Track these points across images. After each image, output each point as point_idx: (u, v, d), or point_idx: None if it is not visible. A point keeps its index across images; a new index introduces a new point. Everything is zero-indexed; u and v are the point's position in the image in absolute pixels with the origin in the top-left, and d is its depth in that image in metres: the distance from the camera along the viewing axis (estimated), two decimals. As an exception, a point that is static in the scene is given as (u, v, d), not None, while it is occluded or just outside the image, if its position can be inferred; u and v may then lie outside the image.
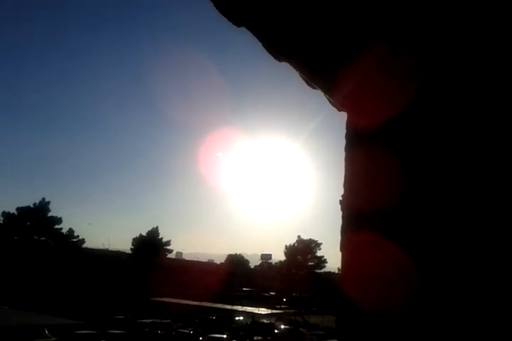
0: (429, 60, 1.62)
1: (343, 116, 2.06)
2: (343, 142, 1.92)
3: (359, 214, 1.67)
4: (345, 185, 1.82)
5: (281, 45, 1.86)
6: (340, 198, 1.78)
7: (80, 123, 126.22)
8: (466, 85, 1.53)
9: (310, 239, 73.47)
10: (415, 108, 1.61)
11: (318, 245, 73.07)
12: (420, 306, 1.42)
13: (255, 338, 37.81)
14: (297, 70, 2.03)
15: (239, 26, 1.71)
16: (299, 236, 73.75)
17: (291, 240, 74.68)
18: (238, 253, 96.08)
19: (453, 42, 1.58)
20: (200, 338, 31.27)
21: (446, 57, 1.59)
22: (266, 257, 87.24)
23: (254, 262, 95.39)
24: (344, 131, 1.94)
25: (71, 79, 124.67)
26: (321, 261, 72.65)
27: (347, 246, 1.70)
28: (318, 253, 73.42)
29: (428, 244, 1.46)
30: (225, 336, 31.83)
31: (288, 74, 2.11)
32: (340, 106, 2.15)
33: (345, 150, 1.87)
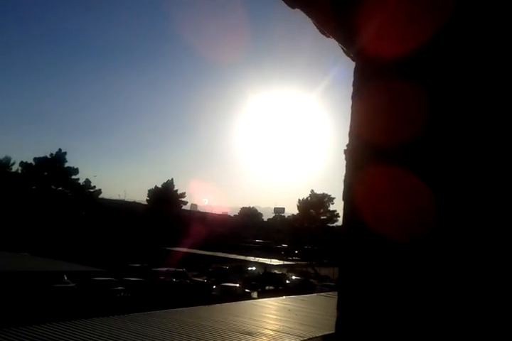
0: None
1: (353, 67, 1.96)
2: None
3: (373, 148, 1.60)
4: (352, 125, 1.74)
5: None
6: (345, 148, 1.72)
7: (93, 72, 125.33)
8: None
9: (323, 193, 74.05)
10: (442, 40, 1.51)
11: (331, 199, 73.68)
12: (437, 232, 1.38)
13: (267, 288, 38.99)
14: (310, 17, 1.93)
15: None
16: (312, 191, 74.33)
17: (305, 194, 75.41)
18: (252, 206, 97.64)
19: None
20: (214, 287, 32.27)
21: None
22: (279, 210, 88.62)
23: (268, 215, 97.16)
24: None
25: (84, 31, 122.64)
26: (334, 216, 73.43)
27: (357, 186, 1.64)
28: (331, 208, 74.21)
29: (446, 175, 1.40)
30: (237, 285, 32.80)
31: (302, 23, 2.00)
32: (352, 57, 2.04)
33: (353, 86, 1.78)
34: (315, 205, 73.07)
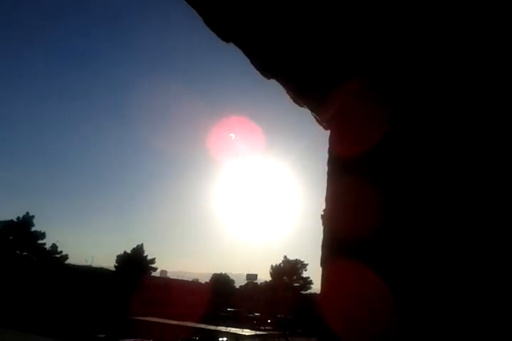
0: (398, 95, 1.68)
1: (328, 136, 2.07)
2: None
3: (339, 240, 1.68)
4: (326, 206, 1.83)
5: (268, 63, 1.89)
6: (322, 213, 1.79)
7: (65, 134, 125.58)
8: (434, 119, 1.57)
9: (296, 259, 73.15)
10: (390, 139, 1.65)
11: (304, 266, 72.76)
12: (400, 336, 1.42)
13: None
14: (284, 88, 2.05)
15: (228, 42, 1.73)
16: (285, 257, 73.40)
17: (278, 260, 74.29)
18: (224, 272, 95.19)
19: (419, 80, 1.64)
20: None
21: (414, 94, 1.64)
22: (251, 277, 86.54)
23: (240, 282, 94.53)
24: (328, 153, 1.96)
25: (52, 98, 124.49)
26: (307, 282, 72.17)
27: (327, 268, 1.70)
28: (304, 274, 73.09)
29: (402, 273, 1.47)
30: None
31: (278, 92, 2.13)
32: (326, 125, 2.17)
33: (328, 174, 1.88)
34: (288, 272, 71.86)
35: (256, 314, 72.01)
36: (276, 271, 71.77)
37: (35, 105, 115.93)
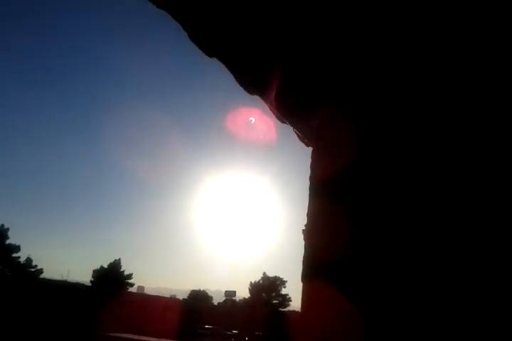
0: (366, 121, 1.72)
1: (309, 152, 2.08)
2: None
3: (317, 258, 1.69)
4: (308, 221, 1.83)
5: (252, 81, 1.90)
6: (304, 227, 1.80)
7: (41, 146, 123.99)
8: (401, 142, 1.61)
9: (275, 276, 72.75)
10: (361, 159, 1.68)
11: (283, 283, 72.35)
12: None
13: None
14: (267, 105, 2.07)
15: (211, 57, 1.74)
16: (264, 273, 72.96)
17: (257, 277, 73.80)
18: (202, 289, 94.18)
19: (386, 107, 1.69)
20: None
21: (382, 121, 1.69)
22: (230, 294, 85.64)
23: (218, 299, 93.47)
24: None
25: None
26: (286, 300, 71.67)
27: (307, 284, 1.70)
28: (283, 291, 72.61)
29: (378, 296, 1.47)
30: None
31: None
32: (307, 142, 2.19)
33: (309, 190, 1.90)
34: (267, 288, 71.36)
35: (234, 331, 71.16)
36: (256, 288, 71.24)
37: (10, 123, 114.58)
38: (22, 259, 60.32)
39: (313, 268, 1.66)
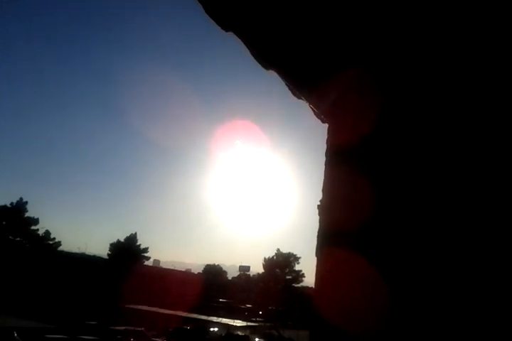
0: (394, 84, 1.67)
1: (326, 128, 2.06)
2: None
3: (335, 230, 1.68)
4: (323, 196, 1.82)
5: (268, 53, 1.87)
6: (319, 203, 1.79)
7: (60, 122, 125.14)
8: (428, 108, 1.57)
9: (289, 252, 73.51)
10: (385, 128, 1.64)
11: (296, 259, 73.13)
12: (394, 325, 1.41)
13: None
14: (283, 79, 2.04)
15: (227, 31, 1.71)
16: (278, 250, 73.72)
17: (271, 253, 74.65)
18: (216, 263, 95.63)
19: (415, 70, 1.64)
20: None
21: (409, 83, 1.64)
22: (244, 269, 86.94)
23: (232, 273, 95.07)
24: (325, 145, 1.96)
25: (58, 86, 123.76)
26: (299, 275, 72.58)
27: (322, 258, 1.70)
28: (297, 268, 73.51)
29: (397, 264, 1.46)
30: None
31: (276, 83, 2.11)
32: (323, 118, 2.16)
33: (325, 166, 1.88)
34: (280, 264, 72.20)
35: (248, 305, 72.44)
36: (269, 264, 72.06)
37: (29, 95, 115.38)
38: (41, 232, 61.73)
39: (330, 240, 1.66)
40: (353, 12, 1.64)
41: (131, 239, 71.09)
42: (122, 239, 70.83)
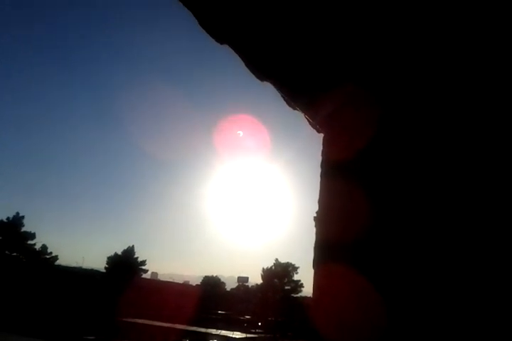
0: (389, 101, 1.69)
1: (321, 138, 2.07)
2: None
3: (331, 242, 1.69)
4: (319, 208, 1.83)
5: (263, 65, 1.89)
6: (315, 214, 1.80)
7: (57, 134, 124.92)
8: (422, 124, 1.58)
9: (287, 262, 73.16)
10: (380, 143, 1.66)
11: (295, 269, 72.78)
12: (390, 337, 1.42)
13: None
14: (278, 90, 2.06)
15: (222, 43, 1.73)
16: (276, 259, 73.36)
17: (269, 263, 74.27)
18: (215, 275, 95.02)
19: (408, 85, 1.65)
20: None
21: (404, 99, 1.66)
22: (243, 280, 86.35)
23: (231, 285, 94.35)
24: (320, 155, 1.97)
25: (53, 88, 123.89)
26: (298, 286, 72.16)
27: (319, 270, 1.71)
28: (295, 278, 73.11)
29: (393, 275, 1.47)
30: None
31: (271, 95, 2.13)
32: (318, 128, 2.17)
33: (321, 177, 1.89)
34: (279, 274, 71.84)
35: (247, 317, 71.84)
36: (268, 274, 71.73)
37: (24, 103, 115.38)
38: (37, 246, 61.26)
39: (326, 252, 1.67)
40: (347, 28, 1.67)
41: (129, 251, 70.61)
42: (120, 252, 70.38)
